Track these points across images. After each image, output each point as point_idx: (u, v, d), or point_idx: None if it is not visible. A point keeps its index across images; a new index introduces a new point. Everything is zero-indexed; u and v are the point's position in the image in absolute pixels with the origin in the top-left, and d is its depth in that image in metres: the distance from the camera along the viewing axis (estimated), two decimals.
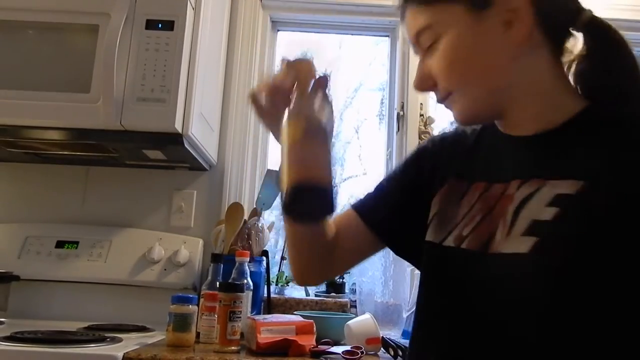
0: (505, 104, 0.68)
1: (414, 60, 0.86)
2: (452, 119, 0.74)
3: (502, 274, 0.62)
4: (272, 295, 1.66)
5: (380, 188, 0.86)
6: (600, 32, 0.68)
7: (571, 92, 0.69)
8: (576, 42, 0.70)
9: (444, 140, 0.82)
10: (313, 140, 0.66)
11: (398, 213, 0.82)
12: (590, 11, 0.68)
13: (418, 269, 0.80)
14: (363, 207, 0.84)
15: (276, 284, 1.79)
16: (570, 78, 0.71)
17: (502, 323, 0.61)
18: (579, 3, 0.69)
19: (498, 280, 0.63)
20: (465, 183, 0.73)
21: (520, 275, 0.60)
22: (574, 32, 0.69)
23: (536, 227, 0.60)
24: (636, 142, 0.60)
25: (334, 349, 1.23)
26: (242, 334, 1.25)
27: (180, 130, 1.42)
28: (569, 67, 0.71)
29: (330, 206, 0.67)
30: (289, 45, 2.08)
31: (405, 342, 1.23)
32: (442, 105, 0.73)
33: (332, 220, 0.82)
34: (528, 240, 0.60)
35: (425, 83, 0.71)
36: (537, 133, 0.67)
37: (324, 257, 0.83)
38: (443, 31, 0.67)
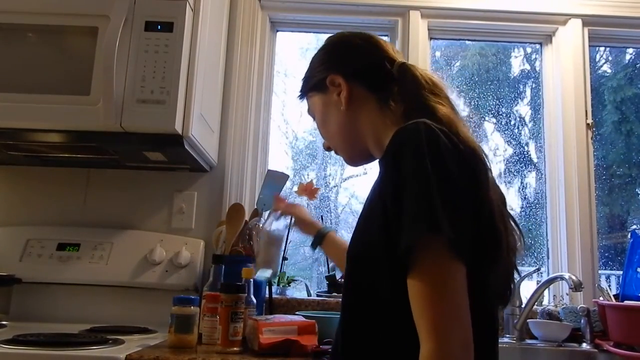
0: (365, 144, 0.93)
1: (415, 59, 0.92)
2: None
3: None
4: (274, 295, 1.66)
5: None
6: (405, 76, 0.88)
7: (395, 122, 0.85)
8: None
9: None
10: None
11: None
12: (399, 63, 0.90)
13: None
14: None
15: (278, 285, 1.78)
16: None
17: (344, 296, 0.82)
18: (391, 60, 0.91)
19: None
20: None
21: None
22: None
23: None
24: (384, 157, 0.74)
25: None
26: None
27: (180, 132, 1.42)
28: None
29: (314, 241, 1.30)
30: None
31: None
32: None
33: None
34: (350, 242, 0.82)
35: (325, 145, 1.02)
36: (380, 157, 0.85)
37: None
38: (314, 110, 1.00)
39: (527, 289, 1.73)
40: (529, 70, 2.29)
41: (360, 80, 0.92)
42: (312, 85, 0.98)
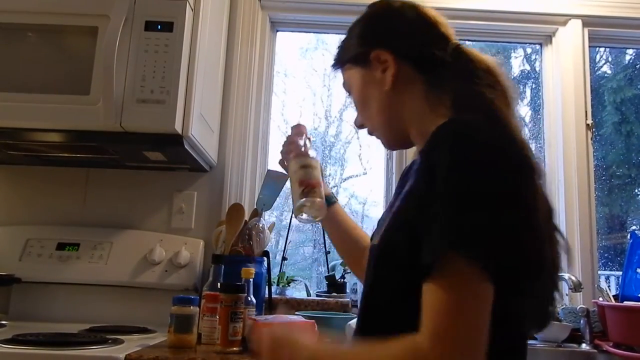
0: (406, 130, 0.85)
1: None
2: None
3: (369, 257, 0.83)
4: (274, 295, 1.66)
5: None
6: (459, 60, 0.80)
7: (442, 112, 0.77)
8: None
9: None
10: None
11: None
12: (453, 44, 0.82)
13: None
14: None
15: (277, 285, 1.79)
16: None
17: (363, 291, 0.81)
18: (445, 38, 0.83)
19: (368, 261, 0.84)
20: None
21: (370, 258, 0.81)
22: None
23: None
24: (421, 157, 0.70)
25: None
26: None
27: (180, 132, 1.42)
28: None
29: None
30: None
31: None
32: None
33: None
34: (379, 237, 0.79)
35: (357, 122, 0.94)
36: (420, 151, 0.79)
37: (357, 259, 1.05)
38: (351, 84, 0.91)
39: None
40: (529, 70, 2.29)
41: (409, 59, 0.82)
42: (352, 57, 0.89)
